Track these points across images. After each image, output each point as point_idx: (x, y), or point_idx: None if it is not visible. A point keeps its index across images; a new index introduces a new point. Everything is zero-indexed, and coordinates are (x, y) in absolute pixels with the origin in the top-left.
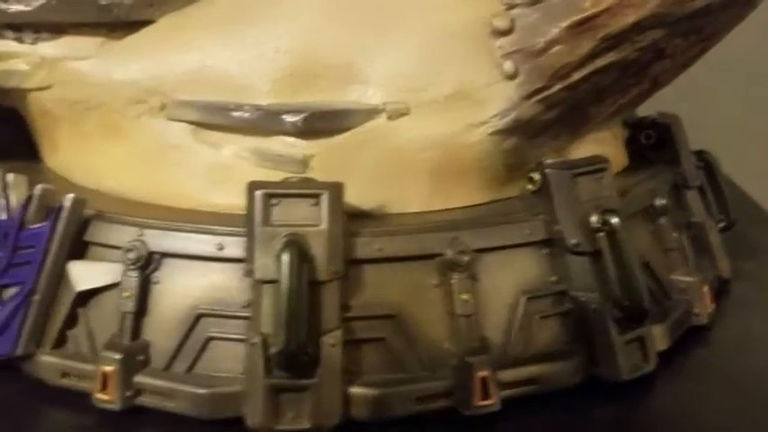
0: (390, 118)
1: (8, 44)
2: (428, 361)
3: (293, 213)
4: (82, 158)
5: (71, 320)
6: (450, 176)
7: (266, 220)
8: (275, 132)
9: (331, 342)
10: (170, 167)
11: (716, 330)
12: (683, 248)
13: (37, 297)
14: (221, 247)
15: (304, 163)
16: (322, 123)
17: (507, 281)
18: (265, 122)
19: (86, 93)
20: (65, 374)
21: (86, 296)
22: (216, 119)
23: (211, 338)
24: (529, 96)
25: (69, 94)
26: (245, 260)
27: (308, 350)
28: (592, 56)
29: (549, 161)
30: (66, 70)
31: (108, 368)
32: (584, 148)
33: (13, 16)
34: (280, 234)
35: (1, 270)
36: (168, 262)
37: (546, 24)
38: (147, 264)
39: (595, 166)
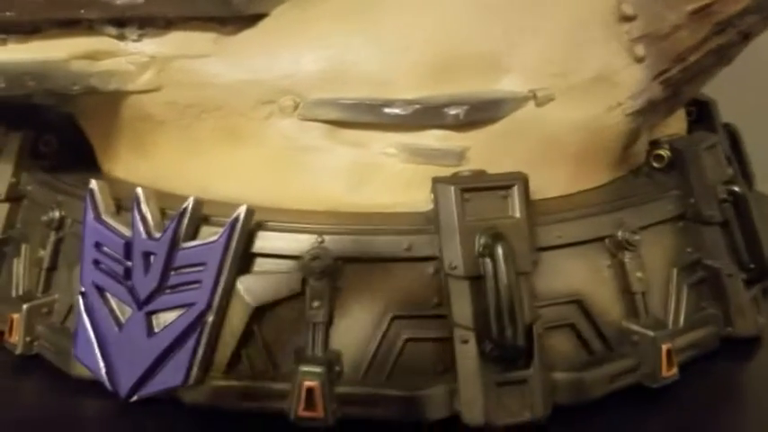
0: (538, 104)
1: (108, 42)
2: (611, 340)
3: (485, 207)
4: (187, 165)
5: (244, 338)
6: (589, 159)
7: (463, 215)
8: (431, 126)
9: (538, 332)
10: (303, 170)
11: None
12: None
13: (210, 318)
14: (409, 248)
15: (461, 155)
16: (480, 114)
17: (660, 256)
18: (422, 117)
19: (203, 95)
20: (247, 397)
21: (261, 311)
22: (362, 116)
23: (408, 340)
24: (654, 78)
25: (182, 96)
26: (437, 258)
27: (523, 342)
28: (705, 40)
29: (674, 139)
30: (179, 70)
31: (311, 383)
32: (667, 125)
33: (120, 9)
34: (478, 229)
35: (148, 295)
36: (351, 267)
37: (669, 10)
38: (332, 270)
39: (711, 141)
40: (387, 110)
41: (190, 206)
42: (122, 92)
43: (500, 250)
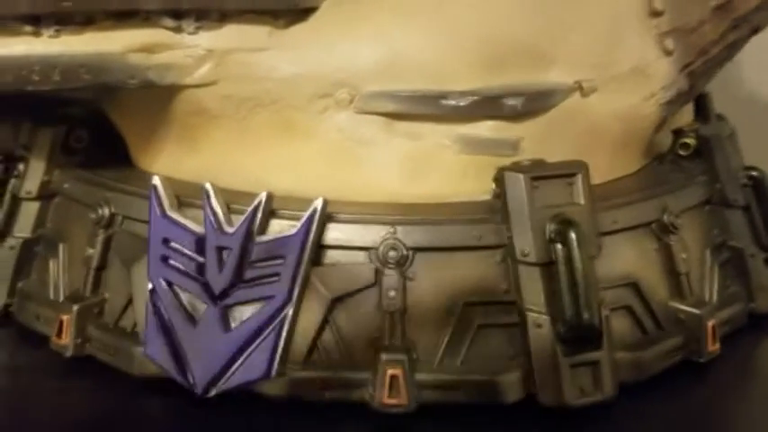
0: (583, 95)
1: (165, 34)
2: (661, 320)
3: (552, 194)
4: (240, 160)
5: (320, 330)
6: (625, 147)
7: (532, 203)
8: (487, 117)
9: (606, 314)
10: (359, 162)
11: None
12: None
13: (291, 310)
14: (480, 237)
15: (515, 145)
16: (534, 104)
17: (695, 238)
18: (479, 108)
19: (259, 88)
20: (328, 387)
21: (335, 302)
22: (419, 108)
23: (480, 326)
24: (681, 70)
25: (238, 90)
26: (504, 246)
27: (598, 325)
28: (724, 34)
29: (698, 128)
30: (235, 64)
31: (395, 371)
32: (681, 116)
33: (177, 1)
34: (546, 216)
35: (224, 290)
36: (422, 256)
37: (695, 6)
38: (405, 260)
39: (730, 130)
40: (444, 101)
41: (263, 200)
42: (178, 86)
43: (573, 235)
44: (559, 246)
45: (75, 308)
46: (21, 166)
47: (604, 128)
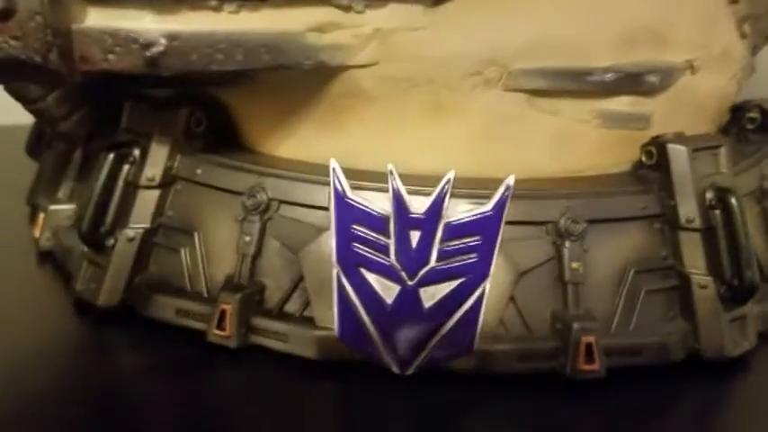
0: (692, 74)
1: (336, 13)
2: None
3: (704, 165)
4: (388, 141)
5: (507, 304)
6: (713, 124)
7: (695, 173)
8: (629, 93)
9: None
10: (505, 140)
11: None
12: None
13: (487, 287)
14: (645, 207)
15: (648, 119)
16: (666, 81)
17: None
18: (621, 84)
19: (416, 68)
20: (522, 358)
21: (521, 276)
22: (565, 85)
23: (647, 292)
24: (752, 53)
25: (397, 70)
26: (663, 214)
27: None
28: None
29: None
30: (397, 44)
31: (589, 338)
32: None
33: None
34: (705, 185)
35: (418, 269)
36: (595, 228)
37: None
38: (584, 233)
39: None
40: (590, 78)
41: (451, 180)
42: (341, 66)
43: (734, 201)
44: (717, 211)
45: (238, 297)
46: (136, 152)
47: (704, 105)
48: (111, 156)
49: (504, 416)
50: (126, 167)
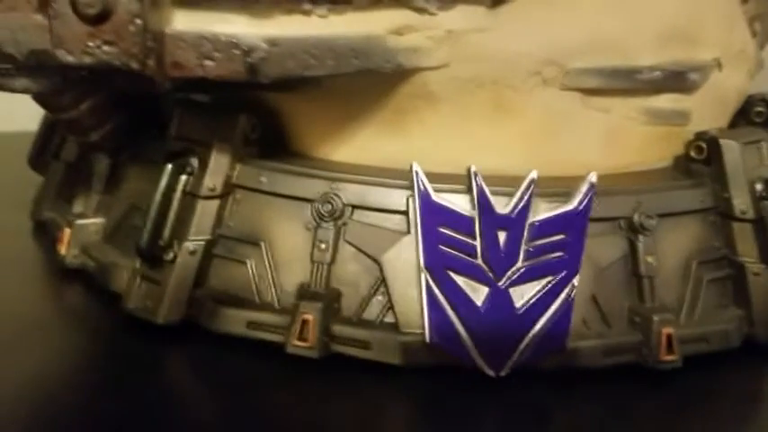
0: (719, 70)
1: (412, 16)
2: None
3: (751, 158)
4: (449, 142)
5: (590, 300)
6: (729, 118)
7: (745, 166)
8: (672, 90)
9: None
10: (561, 138)
11: None
12: None
13: (576, 284)
14: (703, 200)
15: (686, 115)
16: (703, 78)
17: None
18: (667, 81)
19: (482, 69)
20: (609, 353)
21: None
22: (616, 83)
23: (709, 281)
24: (760, 51)
25: (465, 71)
26: (715, 207)
27: None
28: None
29: None
30: (466, 45)
31: (668, 330)
32: None
33: None
34: (753, 177)
35: (507, 269)
36: (663, 222)
37: None
38: (655, 228)
39: None
40: (638, 76)
41: (534, 179)
42: (414, 69)
43: None
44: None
45: (319, 306)
46: (194, 162)
47: (728, 100)
48: (170, 166)
49: (593, 408)
50: (183, 178)
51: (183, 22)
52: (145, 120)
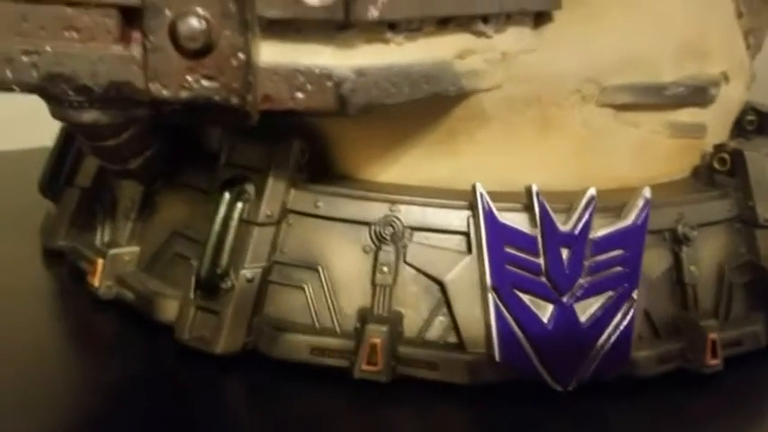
0: (726, 83)
1: (471, 39)
2: None
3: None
4: (498, 160)
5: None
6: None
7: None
8: (693, 104)
9: None
10: (597, 152)
11: None
12: None
13: (635, 294)
14: (731, 209)
15: (704, 129)
16: (718, 92)
17: None
18: (690, 96)
19: (531, 88)
20: (662, 360)
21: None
22: (647, 99)
23: (739, 287)
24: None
25: (516, 91)
26: (741, 215)
27: None
28: None
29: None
30: (517, 65)
31: (713, 336)
32: None
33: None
34: None
35: (572, 286)
36: (701, 231)
37: (763, 10)
38: (696, 238)
39: None
40: (665, 92)
41: (594, 196)
42: (474, 91)
43: None
44: None
45: (386, 329)
46: (250, 189)
47: (732, 111)
48: (227, 194)
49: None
50: (239, 205)
51: (270, 54)
52: (179, 146)
